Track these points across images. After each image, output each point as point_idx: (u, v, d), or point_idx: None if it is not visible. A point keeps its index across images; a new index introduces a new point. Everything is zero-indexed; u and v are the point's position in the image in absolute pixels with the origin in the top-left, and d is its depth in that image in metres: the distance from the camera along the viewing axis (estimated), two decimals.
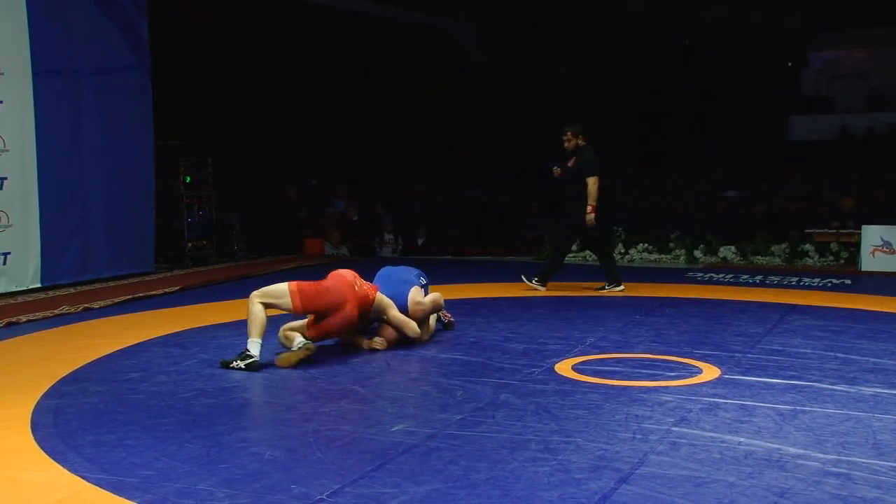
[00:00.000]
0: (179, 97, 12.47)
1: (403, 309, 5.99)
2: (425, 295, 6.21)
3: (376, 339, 5.99)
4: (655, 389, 4.83)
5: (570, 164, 8.64)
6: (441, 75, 15.11)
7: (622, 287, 8.71)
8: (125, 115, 10.13)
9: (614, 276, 8.78)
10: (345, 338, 6.07)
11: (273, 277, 10.53)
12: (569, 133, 8.60)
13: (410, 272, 6.34)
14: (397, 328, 5.96)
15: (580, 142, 8.63)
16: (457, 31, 15.32)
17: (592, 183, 8.42)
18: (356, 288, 5.75)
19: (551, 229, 9.01)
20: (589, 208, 8.42)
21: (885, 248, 10.48)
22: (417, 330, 6.01)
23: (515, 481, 3.44)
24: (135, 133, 10.28)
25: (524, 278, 8.78)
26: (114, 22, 9.94)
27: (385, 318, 5.97)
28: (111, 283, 9.60)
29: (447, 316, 6.58)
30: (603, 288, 8.74)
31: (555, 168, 8.76)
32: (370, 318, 6.05)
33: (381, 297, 5.93)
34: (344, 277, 5.79)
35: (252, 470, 3.60)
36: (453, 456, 3.74)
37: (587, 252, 12.07)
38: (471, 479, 3.46)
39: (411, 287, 6.10)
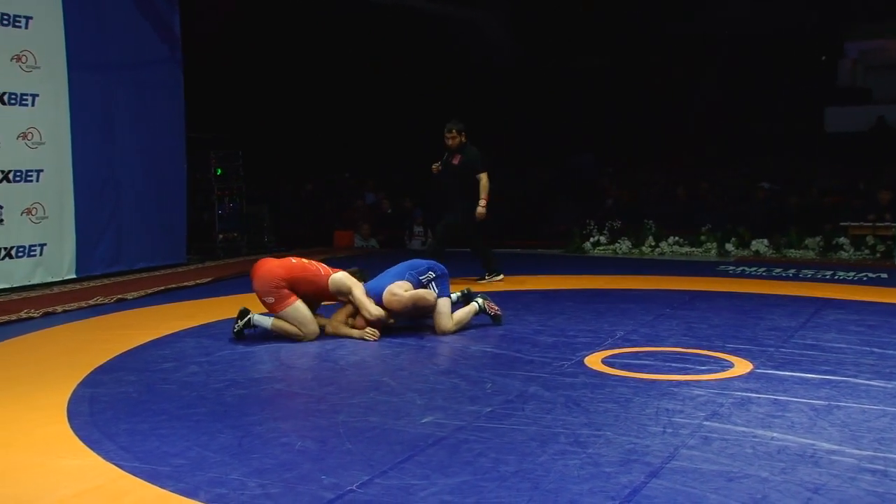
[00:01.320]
0: (211, 90, 12.57)
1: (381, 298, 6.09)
2: (437, 288, 6.23)
3: (364, 331, 6.07)
4: (686, 383, 4.80)
5: (455, 162, 8.71)
6: (472, 68, 15.07)
7: (501, 277, 8.83)
8: (157, 108, 10.23)
9: (493, 265, 8.88)
10: (329, 330, 6.17)
11: None
12: (454, 130, 8.69)
13: (416, 265, 6.34)
14: (357, 308, 6.07)
15: (463, 139, 8.73)
16: (487, 23, 15.27)
17: (485, 178, 8.57)
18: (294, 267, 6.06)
19: (438, 224, 8.90)
20: (483, 202, 8.50)
21: None
22: (374, 313, 6.02)
23: (545, 474, 3.44)
24: (167, 126, 10.38)
25: (487, 279, 8.81)
26: (146, 16, 10.04)
27: (349, 297, 6.10)
28: (144, 275, 9.72)
29: (493, 308, 6.54)
30: (483, 279, 8.76)
31: (434, 165, 8.81)
32: (339, 301, 6.23)
33: (339, 277, 6.10)
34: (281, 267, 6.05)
35: (283, 460, 3.63)
36: (483, 448, 3.74)
37: (616, 245, 12.04)
38: (500, 472, 3.46)
39: (397, 280, 6.16)
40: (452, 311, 6.33)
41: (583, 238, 12.24)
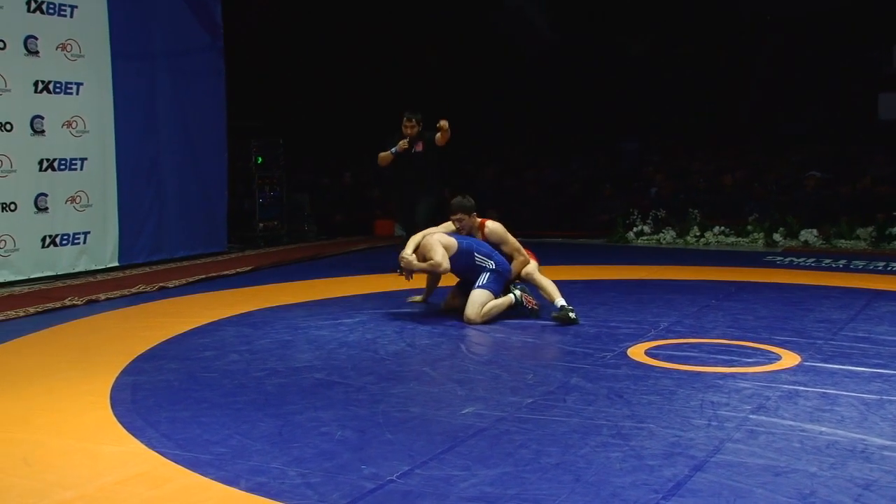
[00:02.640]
0: (253, 79, 12.67)
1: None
2: (485, 280, 6.40)
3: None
4: (732, 376, 4.74)
5: (419, 149, 8.60)
6: (512, 54, 14.98)
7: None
8: (199, 96, 10.33)
9: None
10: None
11: (344, 258, 10.71)
12: (414, 119, 8.61)
13: (482, 245, 6.56)
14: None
15: (421, 127, 8.64)
16: (528, 9, 15.17)
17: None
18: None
19: (412, 213, 8.52)
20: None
21: None
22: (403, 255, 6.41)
23: (587, 466, 3.42)
24: (208, 114, 10.48)
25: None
26: (188, 4, 10.14)
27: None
28: (185, 263, 9.85)
29: (531, 302, 6.46)
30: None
31: (402, 142, 8.53)
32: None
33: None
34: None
35: (323, 449, 3.66)
36: (524, 440, 3.73)
37: (660, 235, 11.92)
38: (541, 463, 3.45)
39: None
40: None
41: (626, 228, 12.14)
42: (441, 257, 6.29)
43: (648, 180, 13.51)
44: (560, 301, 6.28)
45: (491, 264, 6.40)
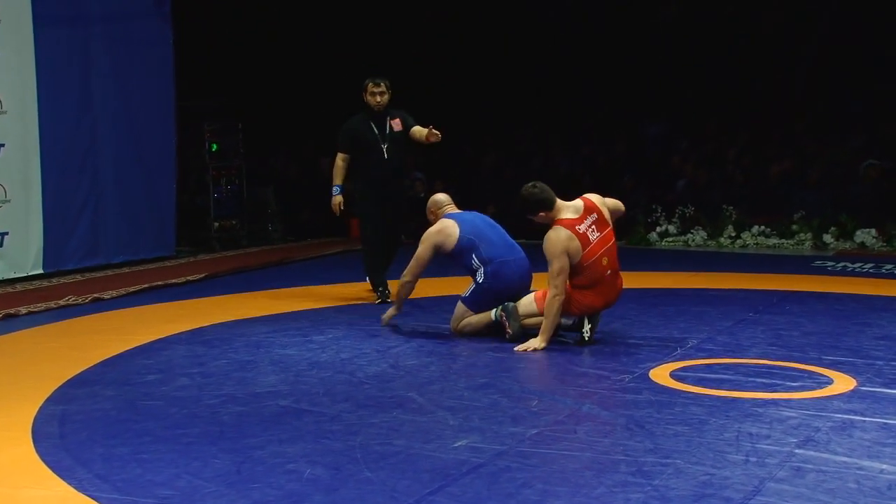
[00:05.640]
0: (207, 49, 12.59)
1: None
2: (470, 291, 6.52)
3: None
4: (774, 402, 4.76)
5: (396, 127, 7.71)
6: (519, 21, 15.00)
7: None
8: (142, 70, 10.31)
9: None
10: None
11: (316, 264, 10.70)
12: (383, 85, 7.67)
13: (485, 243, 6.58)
14: None
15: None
16: None
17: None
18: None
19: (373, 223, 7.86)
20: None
21: None
22: None
23: None
24: (153, 91, 10.46)
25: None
26: None
27: None
28: (125, 270, 9.85)
29: (507, 332, 6.24)
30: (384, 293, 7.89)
31: (335, 199, 7.90)
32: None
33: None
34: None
35: (289, 490, 3.66)
36: (527, 478, 3.74)
37: (688, 236, 11.98)
38: None
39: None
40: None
41: (648, 227, 12.18)
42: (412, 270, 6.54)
43: (676, 171, 13.54)
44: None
45: (480, 275, 6.41)
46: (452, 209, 6.82)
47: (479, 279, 6.43)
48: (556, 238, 5.91)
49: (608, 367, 5.56)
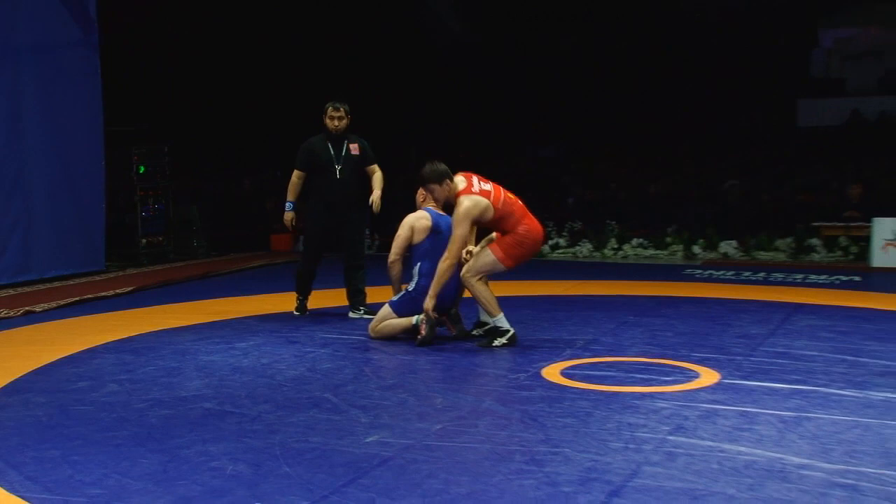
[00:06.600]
0: (132, 79, 12.38)
1: None
2: (400, 296, 6.52)
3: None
4: (650, 395, 4.87)
5: (354, 151, 7.40)
6: (424, 55, 15.06)
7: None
8: (71, 97, 10.05)
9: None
10: None
11: (238, 276, 10.56)
12: (342, 109, 7.34)
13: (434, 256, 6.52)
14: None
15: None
16: (440, 8, 15.32)
17: (379, 169, 7.48)
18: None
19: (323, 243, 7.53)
20: (380, 193, 7.33)
21: None
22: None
23: (499, 496, 3.47)
24: (82, 117, 10.21)
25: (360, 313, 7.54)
26: None
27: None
28: (56, 284, 9.56)
29: (420, 334, 6.25)
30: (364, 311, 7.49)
31: (287, 215, 7.46)
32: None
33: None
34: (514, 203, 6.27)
35: (213, 486, 3.61)
36: (432, 469, 3.76)
37: (577, 248, 12.17)
38: (451, 494, 3.48)
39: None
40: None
41: None
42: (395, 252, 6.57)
43: (566, 190, 13.78)
44: (495, 321, 6.23)
45: (413, 284, 6.43)
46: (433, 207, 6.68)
47: (411, 288, 6.43)
48: (466, 208, 6.06)
49: (505, 366, 5.63)
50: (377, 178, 7.44)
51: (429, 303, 6.14)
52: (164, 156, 11.99)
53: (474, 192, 6.12)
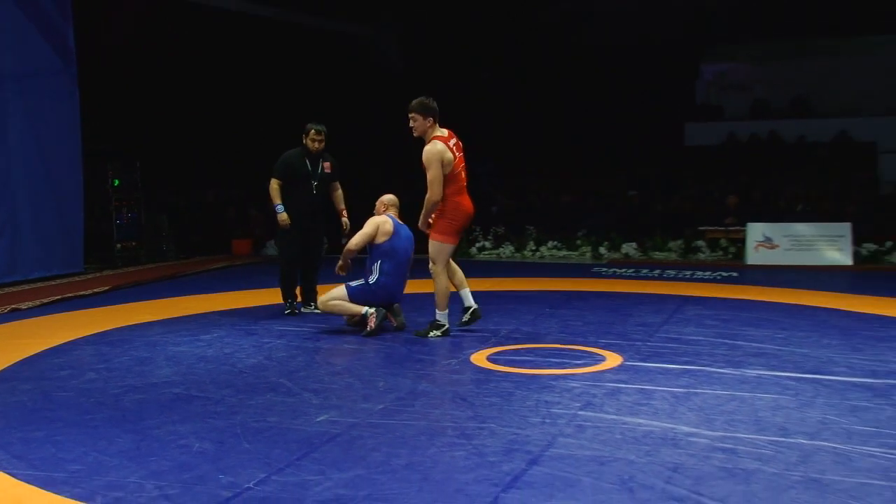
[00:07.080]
0: (108, 102, 12.10)
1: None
2: (356, 284, 6.41)
3: None
4: (563, 377, 4.92)
5: (328, 169, 7.19)
6: (364, 80, 14.98)
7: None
8: (52, 119, 9.78)
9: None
10: None
11: (203, 277, 10.36)
12: (323, 133, 7.11)
13: (398, 255, 6.52)
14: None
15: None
16: (377, 38, 15.24)
17: (340, 187, 7.36)
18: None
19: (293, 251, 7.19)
20: (345, 211, 7.29)
21: (767, 244, 10.91)
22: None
23: (433, 466, 3.47)
24: (62, 136, 9.94)
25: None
26: (39, 27, 9.58)
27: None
28: (40, 284, 9.26)
29: (369, 325, 6.19)
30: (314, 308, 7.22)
31: (281, 217, 7.06)
32: None
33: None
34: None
35: (181, 462, 3.54)
36: (375, 443, 3.74)
37: (500, 250, 12.23)
38: (392, 465, 3.47)
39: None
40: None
41: (469, 243, 12.38)
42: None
43: (491, 199, 13.85)
44: (439, 315, 6.12)
45: (374, 279, 6.33)
46: (395, 213, 6.61)
47: (371, 281, 6.33)
48: (433, 150, 5.95)
49: (439, 353, 5.63)
50: (339, 195, 7.34)
51: (422, 221, 6.16)
52: (136, 170, 11.81)
53: (449, 147, 6.00)
